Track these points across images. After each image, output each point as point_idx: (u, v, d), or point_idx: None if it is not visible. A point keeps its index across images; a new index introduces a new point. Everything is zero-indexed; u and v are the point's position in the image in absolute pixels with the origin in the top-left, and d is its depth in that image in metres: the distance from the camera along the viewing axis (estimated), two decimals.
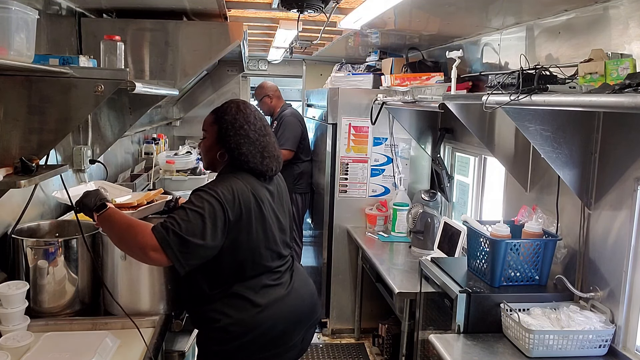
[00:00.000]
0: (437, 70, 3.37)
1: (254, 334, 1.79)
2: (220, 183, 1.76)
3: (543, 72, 1.74)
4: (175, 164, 4.13)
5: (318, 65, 6.07)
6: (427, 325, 2.46)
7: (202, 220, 1.63)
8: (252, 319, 1.78)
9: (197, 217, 1.63)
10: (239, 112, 1.86)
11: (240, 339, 1.77)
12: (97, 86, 1.58)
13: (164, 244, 1.58)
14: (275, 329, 1.82)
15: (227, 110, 1.87)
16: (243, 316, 1.78)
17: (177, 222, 1.60)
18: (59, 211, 2.45)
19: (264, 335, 1.81)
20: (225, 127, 1.84)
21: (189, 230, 1.61)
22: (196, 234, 1.62)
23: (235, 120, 1.84)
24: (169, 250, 1.59)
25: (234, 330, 1.77)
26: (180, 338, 2.05)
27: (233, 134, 1.83)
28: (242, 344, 1.78)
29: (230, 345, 1.78)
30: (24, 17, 1.32)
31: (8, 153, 1.54)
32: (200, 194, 1.69)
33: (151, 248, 1.58)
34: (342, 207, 3.79)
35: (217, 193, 1.70)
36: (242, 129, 1.83)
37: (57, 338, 1.64)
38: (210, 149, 1.89)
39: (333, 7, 2.67)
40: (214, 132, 1.87)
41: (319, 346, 3.77)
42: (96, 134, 2.73)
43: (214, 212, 1.67)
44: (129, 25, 2.84)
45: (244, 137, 1.83)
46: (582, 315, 1.90)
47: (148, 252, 1.59)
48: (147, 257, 1.61)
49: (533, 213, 2.29)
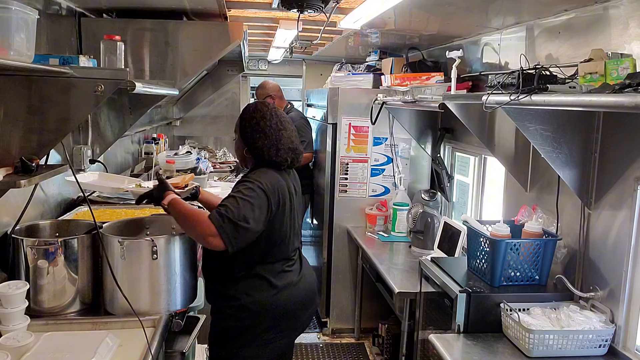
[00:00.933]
0: (437, 70, 3.37)
1: (269, 314, 2.01)
2: (261, 175, 1.98)
3: (543, 72, 1.74)
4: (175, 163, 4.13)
5: (318, 65, 6.07)
6: (427, 325, 2.46)
7: (251, 208, 1.86)
8: (269, 299, 2.00)
9: (246, 204, 1.85)
10: (255, 111, 2.08)
11: (255, 316, 1.99)
12: (97, 86, 1.58)
13: (220, 230, 1.80)
14: (286, 310, 2.04)
15: (246, 111, 2.11)
16: (261, 296, 2.00)
17: (229, 209, 1.82)
18: (59, 211, 2.45)
19: (277, 315, 2.02)
20: (244, 125, 2.07)
21: (239, 216, 1.83)
22: (247, 219, 1.84)
23: (252, 118, 2.06)
24: (224, 235, 1.81)
25: (252, 308, 1.99)
26: (180, 338, 2.05)
27: (250, 131, 2.05)
28: (256, 322, 2.00)
29: (245, 322, 1.99)
30: (24, 17, 1.32)
31: (8, 153, 1.54)
32: (248, 184, 1.92)
33: (209, 234, 1.81)
34: (342, 207, 3.79)
35: (262, 184, 1.92)
36: (257, 126, 2.04)
37: (57, 338, 1.64)
38: (238, 148, 2.14)
39: (333, 7, 2.67)
40: (239, 131, 2.11)
41: (319, 346, 3.77)
42: (96, 134, 2.73)
43: (260, 201, 1.90)
44: (129, 25, 2.84)
45: (259, 133, 2.03)
46: (582, 315, 1.90)
47: (207, 238, 1.82)
48: (207, 242, 1.84)
49: (533, 213, 2.29)
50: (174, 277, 1.87)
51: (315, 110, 4.48)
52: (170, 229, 2.09)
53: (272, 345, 2.06)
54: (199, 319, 2.16)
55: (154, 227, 2.14)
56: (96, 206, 2.70)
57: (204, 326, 2.21)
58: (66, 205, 2.52)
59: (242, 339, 2.01)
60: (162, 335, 1.74)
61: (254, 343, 2.01)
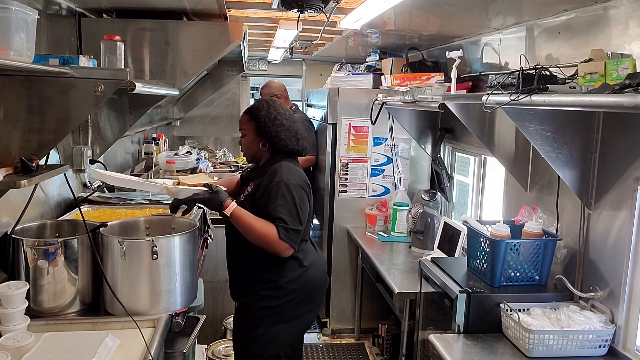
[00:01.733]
0: (437, 70, 3.37)
1: (302, 291, 2.20)
2: (289, 172, 2.14)
3: (543, 72, 1.74)
4: (175, 164, 4.14)
5: (318, 65, 6.07)
6: (427, 325, 2.46)
7: (301, 211, 2.09)
8: (301, 276, 2.19)
9: (293, 209, 2.07)
10: (270, 107, 2.22)
11: (292, 294, 2.17)
12: (97, 86, 1.58)
13: (291, 243, 2.07)
14: (315, 285, 2.26)
15: (261, 107, 2.22)
16: (295, 275, 2.18)
17: (287, 220, 2.05)
18: (59, 211, 2.45)
19: (308, 290, 2.22)
20: (263, 121, 2.19)
21: (296, 223, 2.07)
22: (301, 222, 2.09)
23: (269, 113, 2.20)
24: (293, 244, 2.07)
25: (289, 287, 2.16)
26: (180, 338, 2.05)
27: (271, 125, 2.18)
28: (292, 299, 2.18)
29: (283, 300, 2.16)
30: (24, 17, 1.32)
31: (8, 153, 1.54)
32: (289, 187, 2.08)
33: (284, 249, 2.07)
34: (342, 207, 3.79)
35: (298, 182, 2.12)
36: (277, 120, 2.19)
37: (57, 338, 1.64)
38: (252, 144, 2.24)
39: (333, 7, 2.68)
40: (251, 128, 2.22)
41: (319, 346, 3.77)
42: (96, 134, 2.74)
43: (303, 200, 2.12)
44: (129, 25, 2.84)
45: (279, 126, 2.19)
46: (582, 315, 1.90)
47: (283, 253, 2.08)
48: (282, 255, 2.10)
49: (533, 213, 2.29)
50: (174, 277, 1.87)
51: (315, 111, 4.48)
52: (171, 229, 2.09)
53: (303, 319, 2.26)
54: (199, 319, 2.16)
55: (154, 227, 2.13)
56: (96, 206, 2.70)
57: (204, 326, 2.21)
58: (66, 205, 2.52)
59: (281, 316, 2.17)
60: (162, 335, 1.74)
61: (289, 319, 2.19)
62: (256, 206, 2.12)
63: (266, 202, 2.08)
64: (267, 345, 2.18)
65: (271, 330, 2.17)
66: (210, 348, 3.12)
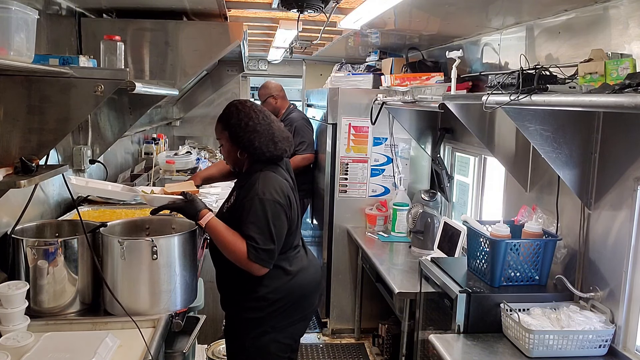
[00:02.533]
0: (437, 70, 3.37)
1: (287, 300, 2.09)
2: (267, 185, 1.99)
3: (543, 72, 1.74)
4: (175, 164, 4.14)
5: (318, 65, 6.07)
6: (427, 325, 2.46)
7: (274, 229, 1.95)
8: (285, 285, 2.08)
9: (265, 227, 1.94)
10: (239, 112, 2.06)
11: (275, 304, 2.07)
12: (97, 86, 1.58)
13: (261, 263, 1.95)
14: (303, 292, 2.14)
15: (230, 115, 2.07)
16: (278, 284, 2.07)
17: (259, 240, 1.93)
18: (59, 211, 2.45)
19: (294, 298, 2.11)
20: (234, 130, 2.05)
21: (268, 242, 1.95)
22: (274, 240, 1.96)
23: (240, 120, 2.04)
24: (264, 263, 1.96)
25: (271, 297, 2.06)
26: (180, 338, 2.05)
27: (243, 134, 2.04)
28: (276, 310, 2.07)
29: (265, 311, 2.06)
30: (24, 17, 1.32)
31: (8, 153, 1.54)
32: (263, 203, 1.95)
33: (253, 269, 1.96)
34: (342, 207, 3.79)
35: (274, 197, 1.97)
36: (248, 127, 2.04)
37: (57, 338, 1.64)
38: (229, 153, 2.12)
39: (333, 7, 2.68)
40: (226, 137, 2.09)
41: (319, 346, 3.77)
42: (96, 134, 2.73)
43: (278, 217, 1.98)
44: (129, 25, 2.84)
45: (252, 133, 2.04)
46: (582, 315, 1.90)
47: (255, 273, 1.97)
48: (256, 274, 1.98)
49: (533, 213, 2.29)
50: (174, 277, 1.87)
51: (315, 111, 4.48)
52: (171, 229, 2.09)
53: (293, 328, 2.15)
54: (199, 319, 2.16)
55: (154, 227, 2.13)
56: (96, 206, 2.71)
57: (204, 326, 2.21)
58: (66, 205, 2.52)
59: (265, 327, 2.08)
60: (162, 335, 1.74)
61: (276, 329, 2.09)
62: (235, 220, 2.01)
63: (240, 218, 1.98)
64: (256, 356, 2.11)
65: (259, 340, 2.09)
66: (210, 348, 3.12)
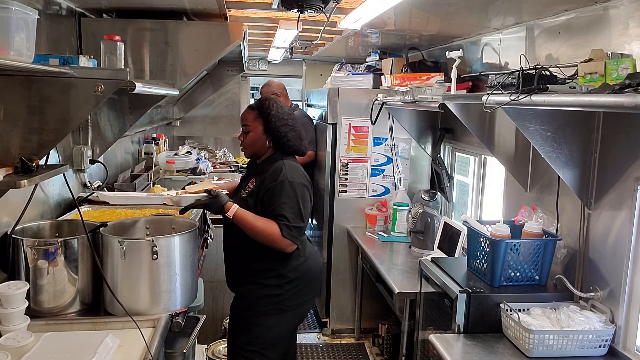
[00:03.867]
0: (437, 70, 3.37)
1: (302, 280, 2.26)
2: (292, 170, 2.20)
3: (543, 72, 1.74)
4: (175, 164, 4.13)
5: (318, 65, 6.07)
6: (427, 325, 2.46)
7: (303, 208, 2.16)
8: (300, 265, 2.26)
9: (296, 207, 2.14)
10: (278, 107, 2.27)
11: (293, 282, 2.23)
12: (97, 86, 1.58)
13: (294, 240, 2.14)
14: (313, 275, 2.34)
15: (270, 106, 2.25)
16: (296, 264, 2.24)
17: (290, 218, 2.11)
18: (59, 211, 2.45)
19: (307, 280, 2.28)
20: (273, 120, 2.23)
21: (299, 220, 2.14)
22: (303, 219, 2.16)
23: (279, 113, 2.24)
24: (296, 240, 2.16)
25: (290, 275, 2.23)
26: (180, 338, 2.05)
27: (280, 125, 2.23)
28: (293, 288, 2.24)
29: (284, 288, 2.22)
30: (24, 17, 1.32)
31: (8, 153, 1.54)
32: (293, 186, 2.15)
33: (287, 246, 2.14)
34: (342, 207, 3.79)
35: (301, 180, 2.19)
36: (284, 120, 2.24)
37: (57, 338, 1.64)
38: (256, 140, 2.27)
39: (333, 7, 2.67)
40: (259, 125, 2.25)
41: (319, 346, 3.77)
42: (96, 134, 2.74)
43: (305, 197, 2.19)
44: (129, 25, 2.84)
45: (287, 127, 2.24)
46: (582, 315, 1.90)
47: (287, 249, 2.15)
48: (283, 250, 2.16)
49: (533, 213, 2.29)
50: (174, 277, 1.87)
51: (315, 111, 4.49)
52: (171, 229, 2.09)
53: (301, 309, 2.32)
54: (199, 319, 2.16)
55: (154, 227, 2.14)
56: (96, 206, 2.70)
57: (204, 326, 2.22)
58: (66, 205, 2.52)
59: (282, 305, 2.22)
60: (162, 335, 1.74)
61: (289, 308, 2.24)
62: (260, 203, 2.17)
63: (270, 200, 2.15)
64: (264, 334, 2.23)
65: (269, 319, 2.22)
66: (210, 348, 3.12)
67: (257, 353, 2.23)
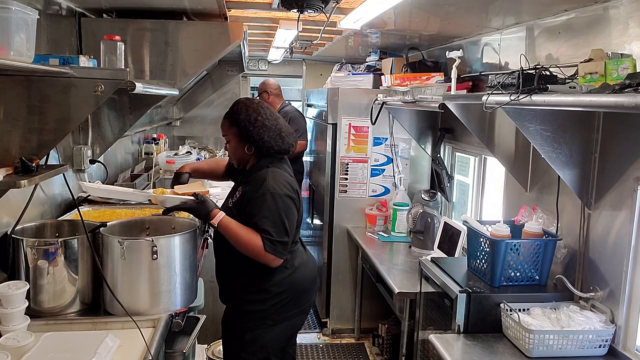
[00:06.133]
0: (437, 70, 3.37)
1: (288, 293, 2.15)
2: (276, 180, 2.08)
3: (543, 72, 1.74)
4: (176, 164, 4.12)
5: (318, 65, 6.07)
6: (427, 325, 2.46)
7: (287, 221, 2.04)
8: (287, 278, 2.14)
9: (278, 220, 2.02)
10: (248, 108, 2.15)
11: (278, 297, 2.13)
12: (97, 86, 1.58)
13: (278, 254, 2.03)
14: (303, 286, 2.21)
15: (239, 111, 2.15)
16: (281, 277, 2.13)
17: (273, 232, 2.00)
18: (59, 211, 2.45)
19: (295, 294, 2.17)
20: (243, 125, 2.13)
21: (283, 234, 2.03)
22: (288, 233, 2.04)
23: (249, 116, 2.13)
24: (280, 255, 2.03)
25: (273, 290, 2.12)
26: (180, 338, 2.05)
27: (252, 129, 2.11)
28: (278, 302, 2.13)
29: (268, 303, 2.12)
30: (24, 17, 1.32)
31: (8, 153, 1.54)
32: (275, 198, 2.03)
33: (272, 261, 2.03)
34: (342, 207, 3.79)
35: (284, 191, 2.06)
36: (257, 122, 2.12)
37: (57, 338, 1.64)
38: (237, 149, 2.18)
39: (333, 7, 2.67)
40: (234, 133, 2.16)
41: (319, 346, 3.77)
42: (96, 134, 2.73)
43: (290, 210, 2.07)
44: (129, 25, 2.84)
45: (261, 128, 2.12)
46: (582, 315, 1.90)
47: (271, 263, 2.04)
48: (271, 266, 2.06)
49: (533, 213, 2.29)
50: (174, 277, 1.87)
51: (315, 111, 4.49)
52: (171, 229, 2.09)
53: (291, 322, 2.21)
54: (199, 319, 2.16)
55: (154, 227, 2.13)
56: (96, 206, 2.70)
57: (204, 326, 2.21)
58: (66, 205, 2.52)
59: (267, 320, 2.13)
60: (162, 335, 1.74)
61: (276, 322, 2.14)
62: (243, 215, 2.07)
63: (252, 213, 2.04)
64: (256, 349, 2.14)
65: (258, 334, 2.13)
66: (210, 348, 3.12)
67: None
